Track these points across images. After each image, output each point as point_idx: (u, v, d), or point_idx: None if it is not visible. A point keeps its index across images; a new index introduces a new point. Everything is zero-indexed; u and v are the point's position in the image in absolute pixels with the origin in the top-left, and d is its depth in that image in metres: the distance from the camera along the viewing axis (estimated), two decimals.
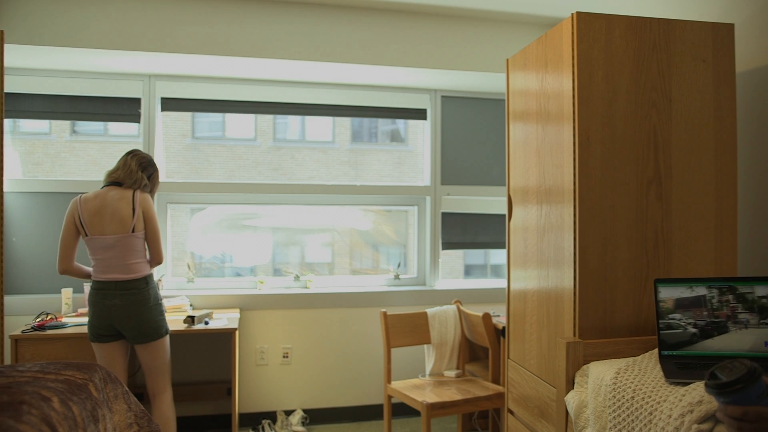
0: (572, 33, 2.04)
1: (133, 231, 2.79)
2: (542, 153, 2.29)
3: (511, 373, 2.55)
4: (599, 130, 2.03)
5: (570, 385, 1.92)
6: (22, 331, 3.00)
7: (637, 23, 2.07)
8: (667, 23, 2.09)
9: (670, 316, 1.78)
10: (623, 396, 1.62)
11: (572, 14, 2.04)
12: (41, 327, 3.05)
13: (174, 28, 3.33)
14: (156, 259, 2.91)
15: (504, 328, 3.09)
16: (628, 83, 2.06)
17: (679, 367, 1.66)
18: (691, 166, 2.10)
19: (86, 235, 2.78)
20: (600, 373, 1.78)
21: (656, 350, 1.84)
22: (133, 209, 2.80)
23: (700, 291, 1.75)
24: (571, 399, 1.87)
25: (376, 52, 3.58)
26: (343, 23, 3.53)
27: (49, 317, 3.19)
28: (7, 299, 3.45)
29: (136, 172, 2.86)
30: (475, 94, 4.21)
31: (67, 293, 3.40)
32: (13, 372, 1.55)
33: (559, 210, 2.14)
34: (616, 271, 2.04)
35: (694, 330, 1.75)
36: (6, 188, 3.50)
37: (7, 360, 2.92)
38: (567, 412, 1.93)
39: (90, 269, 2.86)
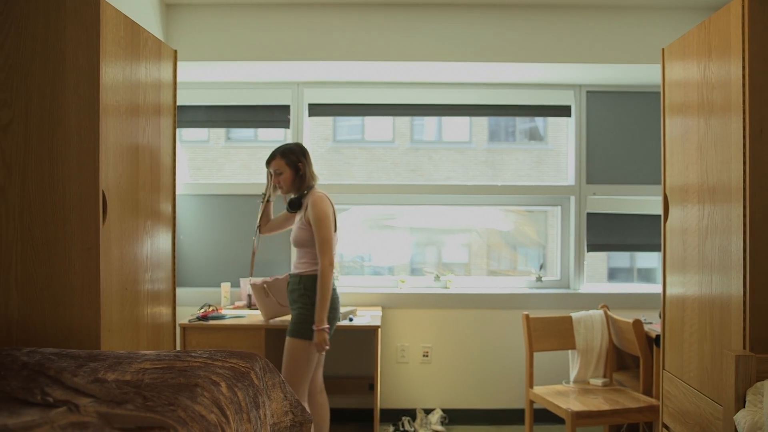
0: (742, 15, 1.85)
1: None
2: (705, 148, 2.10)
3: (667, 385, 2.38)
4: None
5: (740, 403, 1.75)
6: (189, 321, 3.31)
7: None
8: None
9: None
10: None
11: None
12: (204, 317, 3.34)
13: (323, 37, 3.50)
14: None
15: (657, 336, 2.88)
16: None
17: None
18: None
19: (335, 231, 2.89)
20: None
21: None
22: None
23: None
24: (742, 419, 1.70)
25: (518, 49, 3.50)
26: (482, 22, 3.50)
27: (211, 308, 3.48)
28: (177, 291, 3.81)
29: None
30: (624, 87, 3.96)
31: (225, 287, 3.70)
32: (188, 357, 1.72)
33: (726, 210, 1.96)
34: None
35: None
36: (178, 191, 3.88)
37: (178, 346, 3.24)
38: None
39: None
